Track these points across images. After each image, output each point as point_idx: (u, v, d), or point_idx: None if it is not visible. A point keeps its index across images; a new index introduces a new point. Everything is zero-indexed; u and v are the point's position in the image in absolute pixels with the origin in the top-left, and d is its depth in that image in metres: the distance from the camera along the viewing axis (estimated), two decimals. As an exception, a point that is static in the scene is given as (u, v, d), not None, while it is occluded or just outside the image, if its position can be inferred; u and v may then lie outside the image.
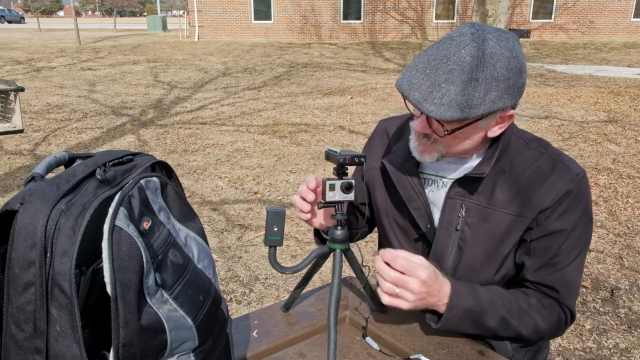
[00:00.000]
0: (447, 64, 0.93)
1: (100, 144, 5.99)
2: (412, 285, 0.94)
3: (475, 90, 0.92)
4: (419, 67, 0.97)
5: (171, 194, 0.80)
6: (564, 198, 1.05)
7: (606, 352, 2.39)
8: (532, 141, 1.12)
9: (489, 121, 1.01)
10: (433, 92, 0.94)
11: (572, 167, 1.08)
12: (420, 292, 0.95)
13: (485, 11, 7.01)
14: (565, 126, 6.69)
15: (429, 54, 0.97)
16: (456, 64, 0.92)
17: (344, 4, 21.19)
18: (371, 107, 8.03)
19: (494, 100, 0.94)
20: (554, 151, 1.11)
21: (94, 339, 0.70)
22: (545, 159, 1.08)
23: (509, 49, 0.94)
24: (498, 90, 0.93)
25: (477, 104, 0.93)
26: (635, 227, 3.75)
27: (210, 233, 3.62)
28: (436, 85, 0.93)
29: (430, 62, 0.95)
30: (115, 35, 25.63)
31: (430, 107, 0.94)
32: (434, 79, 0.94)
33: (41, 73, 11.80)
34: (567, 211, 1.06)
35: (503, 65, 0.93)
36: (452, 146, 1.05)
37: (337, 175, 1.04)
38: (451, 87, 0.92)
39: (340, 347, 1.10)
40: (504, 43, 0.94)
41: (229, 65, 13.38)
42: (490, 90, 0.93)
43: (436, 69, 0.94)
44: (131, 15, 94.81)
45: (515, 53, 0.95)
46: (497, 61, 0.92)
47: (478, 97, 0.93)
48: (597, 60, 14.45)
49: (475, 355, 1.06)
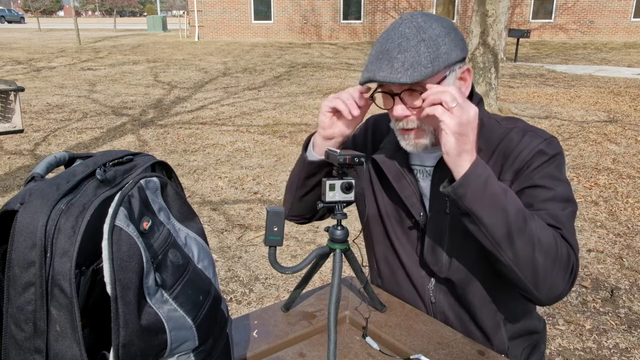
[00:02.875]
0: (393, 42, 1.03)
1: (100, 144, 5.99)
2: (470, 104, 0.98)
3: (428, 47, 1.01)
4: (373, 58, 1.06)
5: (171, 194, 0.80)
6: (536, 155, 1.08)
7: (606, 352, 2.39)
8: (502, 120, 1.17)
9: (453, 79, 1.07)
10: (393, 64, 1.01)
11: (541, 133, 1.13)
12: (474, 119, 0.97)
13: (485, 11, 7.01)
14: (565, 126, 6.69)
15: (375, 48, 1.07)
16: (400, 37, 1.03)
17: (344, 4, 21.19)
18: (371, 107, 8.03)
19: (447, 52, 1.02)
20: (524, 124, 1.16)
21: (94, 339, 0.70)
22: (515, 131, 1.13)
23: (434, 15, 1.08)
24: (446, 44, 1.03)
25: (435, 58, 1.01)
26: (635, 227, 3.75)
27: (210, 233, 3.62)
28: (393, 59, 1.02)
29: (380, 49, 1.05)
30: (115, 35, 25.63)
31: (399, 75, 1.01)
32: (388, 57, 1.02)
33: (41, 73, 11.80)
34: (541, 165, 1.08)
35: (438, 24, 1.04)
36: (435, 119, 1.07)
37: (337, 175, 1.04)
38: (406, 54, 1.01)
39: (340, 347, 1.10)
40: (427, 15, 1.07)
41: (229, 65, 13.38)
42: (439, 45, 1.02)
43: (386, 50, 1.03)
44: (131, 15, 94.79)
45: (440, 17, 1.07)
46: (432, 23, 1.04)
47: (433, 52, 1.01)
48: (597, 60, 14.45)
49: (475, 355, 1.06)
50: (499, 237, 0.98)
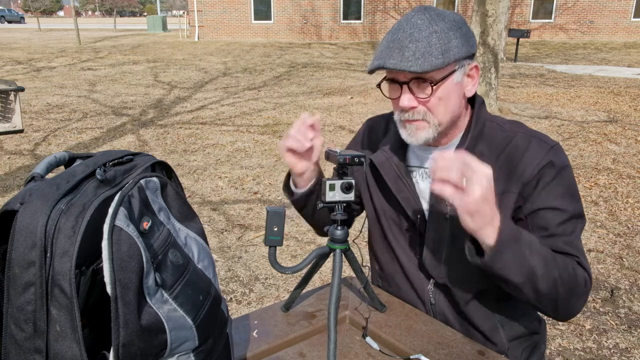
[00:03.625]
0: (405, 32, 1.03)
1: (100, 144, 5.99)
2: (481, 174, 0.87)
3: (439, 39, 1.02)
4: (383, 47, 1.06)
5: (171, 194, 0.80)
6: (545, 168, 1.08)
7: (606, 352, 2.39)
8: (505, 123, 1.17)
9: (462, 75, 1.08)
10: (404, 53, 1.02)
11: (546, 140, 1.12)
12: (488, 188, 0.88)
13: (485, 11, 7.00)
14: (565, 126, 6.69)
15: (387, 38, 1.07)
16: (413, 27, 1.03)
17: (344, 4, 21.19)
18: (371, 107, 8.03)
19: (458, 46, 1.03)
20: (526, 129, 1.15)
21: (94, 339, 0.70)
22: (520, 137, 1.13)
23: (445, 10, 1.08)
24: (457, 38, 1.03)
25: (446, 50, 1.02)
26: (635, 227, 3.75)
27: (210, 233, 3.62)
28: (404, 48, 1.02)
29: (391, 39, 1.05)
30: (115, 35, 25.63)
31: (409, 64, 1.01)
32: (399, 45, 1.03)
33: (41, 73, 11.80)
34: (551, 183, 1.08)
35: (450, 18, 1.05)
36: (440, 112, 1.08)
37: (337, 175, 1.04)
38: (417, 44, 1.01)
39: (340, 347, 1.10)
40: (440, 9, 1.08)
41: (229, 65, 13.38)
42: (450, 38, 1.03)
43: (398, 39, 1.03)
44: (131, 15, 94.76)
45: (452, 12, 1.08)
46: (444, 17, 1.05)
47: (444, 43, 1.02)
48: (597, 60, 14.45)
49: (475, 355, 1.06)
50: (526, 289, 1.00)
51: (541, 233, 1.08)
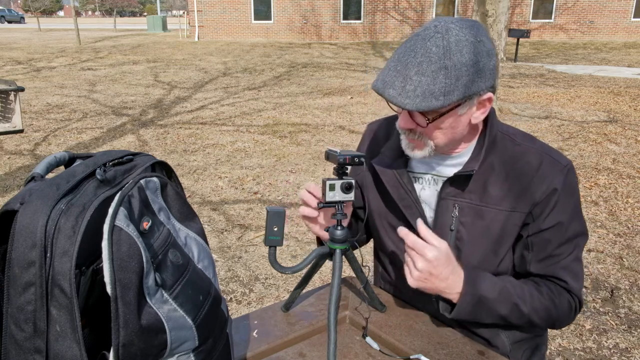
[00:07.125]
0: (415, 57, 0.96)
1: (100, 144, 5.99)
2: (417, 261, 0.99)
3: (447, 77, 0.95)
4: (391, 66, 1.00)
5: (171, 194, 0.80)
6: (555, 191, 1.07)
7: (606, 352, 2.39)
8: (517, 136, 1.14)
9: (468, 107, 1.03)
10: (406, 85, 0.96)
11: (559, 159, 1.11)
12: (424, 270, 0.98)
13: (485, 11, 7.01)
14: (565, 126, 6.69)
15: (398, 53, 1.00)
16: (424, 56, 0.96)
17: (344, 4, 21.18)
18: (371, 107, 8.03)
19: (466, 84, 0.96)
20: (540, 145, 1.14)
21: (94, 339, 0.70)
22: (533, 154, 1.11)
23: (474, 35, 0.97)
24: (469, 75, 0.96)
25: (450, 91, 0.95)
26: (635, 227, 3.75)
27: (210, 233, 3.62)
28: (408, 79, 0.96)
29: (400, 59, 0.99)
30: (115, 35, 25.62)
31: (406, 100, 0.97)
32: (404, 74, 0.97)
33: (41, 73, 11.80)
34: (560, 204, 1.08)
35: (469, 50, 0.96)
36: (439, 138, 1.06)
37: (337, 175, 1.04)
38: (422, 78, 0.95)
39: (340, 347, 1.10)
40: (467, 30, 0.97)
41: (229, 65, 13.38)
42: (461, 75, 0.95)
43: (406, 64, 0.97)
44: (131, 15, 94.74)
45: (480, 37, 0.98)
46: (462, 47, 0.95)
47: (450, 83, 0.95)
48: (597, 60, 14.45)
49: (475, 355, 1.06)
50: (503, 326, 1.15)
51: (539, 255, 1.10)
